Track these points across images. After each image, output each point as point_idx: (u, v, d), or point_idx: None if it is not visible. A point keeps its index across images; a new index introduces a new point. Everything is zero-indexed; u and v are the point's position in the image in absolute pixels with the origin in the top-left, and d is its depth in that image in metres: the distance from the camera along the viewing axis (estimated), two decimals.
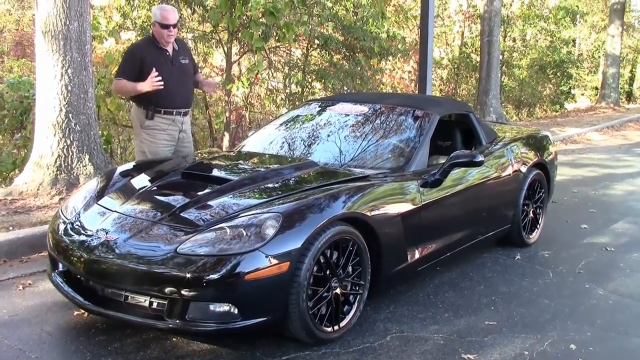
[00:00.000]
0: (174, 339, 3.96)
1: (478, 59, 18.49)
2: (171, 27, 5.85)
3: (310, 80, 12.27)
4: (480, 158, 4.94)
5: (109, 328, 4.07)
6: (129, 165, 5.24)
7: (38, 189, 6.83)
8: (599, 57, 28.88)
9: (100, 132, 8.32)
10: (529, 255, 5.99)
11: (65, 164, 6.96)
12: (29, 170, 7.04)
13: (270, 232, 3.66)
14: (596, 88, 27.75)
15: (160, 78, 5.75)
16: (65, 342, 3.93)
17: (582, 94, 30.25)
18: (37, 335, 3.99)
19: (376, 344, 4.02)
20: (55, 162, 6.94)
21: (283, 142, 5.61)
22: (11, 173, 9.44)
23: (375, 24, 12.30)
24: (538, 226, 6.39)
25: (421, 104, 5.79)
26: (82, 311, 4.25)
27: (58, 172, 6.92)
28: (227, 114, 11.66)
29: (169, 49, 5.96)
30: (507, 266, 5.66)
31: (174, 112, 5.97)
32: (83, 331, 4.07)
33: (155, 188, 4.54)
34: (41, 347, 3.85)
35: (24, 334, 4.01)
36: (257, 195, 4.24)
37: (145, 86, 5.74)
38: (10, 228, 5.73)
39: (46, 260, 4.50)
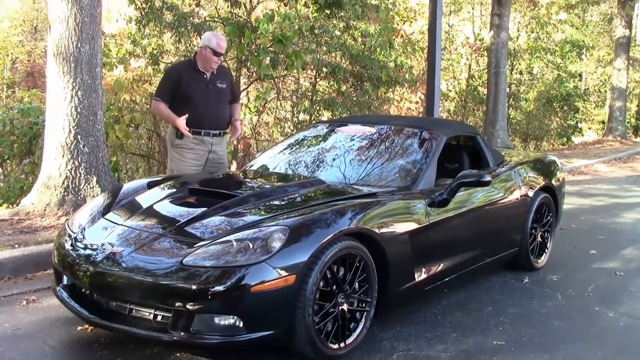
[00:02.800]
0: (177, 354, 3.92)
1: (485, 91, 18.56)
2: (221, 56, 6.12)
3: (318, 108, 12.31)
4: (488, 178, 4.91)
5: (112, 343, 4.04)
6: (138, 182, 5.24)
7: (45, 210, 6.83)
8: (606, 91, 28.96)
9: (108, 159, 8.35)
10: (538, 278, 5.93)
11: (73, 186, 6.97)
12: (37, 191, 7.04)
13: (276, 245, 3.64)
14: (603, 122, 27.79)
15: (188, 129, 5.97)
16: (67, 356, 3.91)
17: (589, 128, 30.29)
18: (39, 349, 3.96)
19: None
20: (63, 183, 6.94)
21: (291, 162, 5.62)
22: (19, 199, 9.46)
23: (382, 53, 12.36)
24: (546, 250, 6.34)
25: (428, 125, 5.80)
26: (86, 326, 4.23)
27: (65, 193, 6.93)
28: (235, 142, 11.69)
29: (208, 72, 6.12)
30: (515, 289, 5.61)
31: (202, 133, 6.07)
32: (86, 346, 4.04)
33: (161, 203, 4.53)
34: None
35: (27, 348, 3.98)
36: (263, 211, 4.22)
37: (180, 125, 5.94)
38: (16, 246, 5.72)
39: (51, 278, 4.51)
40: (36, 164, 9.22)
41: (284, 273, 3.58)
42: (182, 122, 5.94)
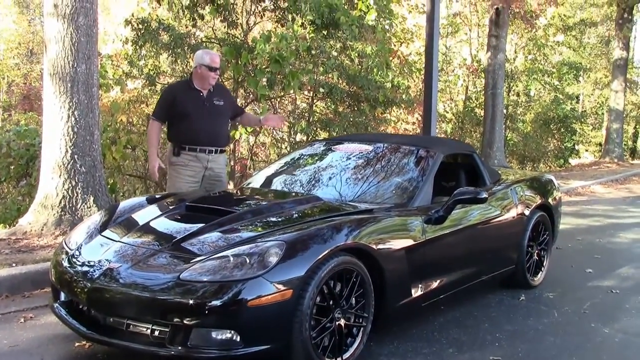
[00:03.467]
0: None
1: (482, 113, 18.65)
2: (216, 71, 6.20)
3: (315, 129, 12.36)
4: (485, 195, 4.93)
5: (110, 359, 4.04)
6: (134, 199, 5.27)
7: (42, 229, 6.83)
8: (603, 113, 29.08)
9: (105, 179, 8.37)
10: (534, 296, 5.94)
11: (70, 205, 6.97)
12: (34, 210, 7.05)
13: (273, 259, 3.66)
14: (600, 144, 27.90)
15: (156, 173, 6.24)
16: None
17: (586, 150, 30.41)
18: None
19: None
20: (60, 202, 6.95)
21: (287, 179, 5.66)
22: (15, 220, 9.47)
23: (379, 73, 12.44)
24: (542, 268, 6.35)
25: (425, 143, 5.83)
26: (83, 342, 4.23)
27: (62, 213, 6.93)
28: (232, 164, 11.72)
29: (204, 90, 6.18)
30: (511, 306, 5.61)
31: (198, 149, 6.12)
32: None
33: (158, 220, 4.55)
34: None
35: None
36: (259, 227, 4.24)
37: (151, 164, 6.22)
38: (14, 264, 5.72)
39: (48, 295, 4.51)
40: (33, 185, 9.23)
41: (280, 287, 3.59)
42: (153, 162, 6.17)
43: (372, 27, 12.25)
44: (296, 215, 4.46)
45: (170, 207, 4.80)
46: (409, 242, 4.49)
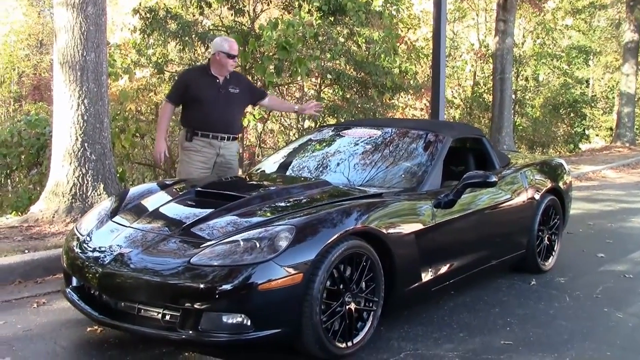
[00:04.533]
0: (186, 353, 3.94)
1: (490, 98, 18.57)
2: (235, 58, 6.25)
3: (323, 115, 12.34)
4: (494, 178, 4.90)
5: (122, 343, 4.07)
6: (144, 185, 5.29)
7: (53, 217, 6.87)
8: (614, 97, 28.88)
9: (115, 167, 8.39)
10: (545, 280, 5.92)
11: (80, 193, 7.00)
12: (45, 198, 7.09)
13: (283, 243, 3.67)
14: (611, 129, 27.72)
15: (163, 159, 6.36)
16: (78, 356, 3.94)
17: (597, 135, 30.23)
18: (50, 349, 4.00)
19: None
20: (71, 190, 6.98)
21: (296, 165, 5.67)
22: (27, 209, 9.53)
23: (387, 59, 12.40)
24: (553, 253, 6.33)
25: (434, 127, 5.82)
26: (95, 327, 4.27)
27: (73, 200, 6.96)
28: (240, 151, 11.72)
29: (220, 77, 6.19)
30: (522, 290, 5.60)
31: (211, 136, 6.14)
32: (96, 345, 4.07)
33: (168, 205, 4.56)
34: None
35: (38, 348, 4.01)
36: (269, 212, 4.25)
37: (157, 146, 6.30)
38: (26, 251, 5.76)
39: (60, 281, 4.54)
40: (44, 174, 9.28)
41: (291, 271, 3.60)
42: (159, 144, 6.26)
43: (379, 12, 12.22)
44: (305, 199, 4.46)
45: (180, 193, 4.81)
46: (418, 226, 4.49)
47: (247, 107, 6.64)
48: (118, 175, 9.07)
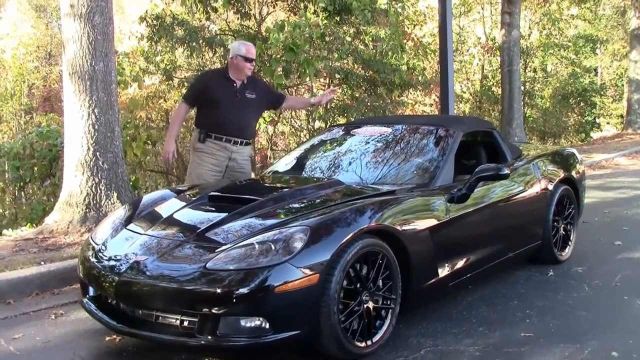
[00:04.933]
0: None
1: (500, 91, 18.50)
2: (252, 62, 6.24)
3: (333, 115, 12.33)
4: (506, 171, 4.87)
5: (140, 352, 4.08)
6: (157, 192, 5.31)
7: (68, 227, 6.89)
8: (623, 84, 28.70)
9: (127, 175, 8.41)
10: (562, 271, 5.88)
11: (94, 202, 7.03)
12: (59, 209, 7.11)
13: (298, 245, 3.66)
14: (621, 116, 27.52)
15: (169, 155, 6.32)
16: None
17: (608, 123, 30.04)
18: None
19: (410, 358, 3.96)
20: (84, 200, 7.00)
21: (308, 165, 5.67)
22: (41, 220, 9.57)
23: (394, 56, 12.37)
24: (570, 243, 6.29)
25: (444, 122, 5.80)
26: (114, 336, 4.27)
27: (87, 210, 6.98)
28: (252, 154, 11.73)
29: (238, 81, 6.19)
30: (540, 282, 5.56)
31: (224, 139, 6.12)
32: (115, 355, 4.08)
33: (181, 211, 4.56)
34: None
35: (57, 359, 4.02)
36: (282, 214, 4.23)
37: (166, 146, 6.33)
38: (42, 263, 5.78)
39: (77, 292, 4.56)
40: (57, 185, 9.32)
41: (307, 272, 3.59)
42: (169, 145, 6.30)
43: (385, 10, 12.19)
44: (319, 200, 4.45)
45: (193, 199, 4.81)
46: (432, 222, 4.47)
47: (263, 113, 6.61)
48: (131, 183, 9.10)
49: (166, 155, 6.30)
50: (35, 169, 10.58)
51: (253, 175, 11.27)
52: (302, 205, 4.39)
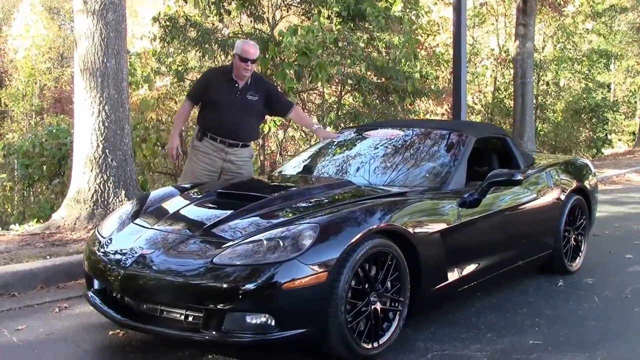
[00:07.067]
0: (209, 356, 3.89)
1: (511, 104, 18.42)
2: (249, 62, 5.95)
3: (344, 121, 12.29)
4: (519, 177, 4.82)
5: (144, 346, 4.04)
6: (165, 189, 5.27)
7: (75, 223, 6.87)
8: (636, 101, 28.60)
9: (136, 173, 8.39)
10: (572, 281, 5.82)
11: (102, 199, 6.99)
12: (67, 205, 7.09)
13: (307, 242, 3.61)
14: (633, 133, 27.46)
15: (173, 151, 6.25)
16: (100, 359, 3.93)
17: (619, 140, 29.93)
18: (72, 352, 3.98)
19: None
20: (92, 197, 6.97)
21: (319, 166, 5.64)
22: (48, 218, 9.56)
23: (407, 64, 12.33)
24: (580, 254, 6.21)
25: (457, 127, 5.76)
26: (117, 330, 4.25)
27: (95, 207, 6.95)
28: (262, 158, 11.71)
29: (240, 82, 6.03)
30: (550, 291, 5.50)
31: (219, 140, 6.01)
32: (118, 349, 4.04)
33: (189, 207, 4.53)
34: None
35: (60, 351, 4.00)
36: (290, 213, 4.19)
37: (170, 143, 6.28)
38: (48, 257, 5.75)
39: (82, 286, 4.53)
40: (65, 184, 9.30)
41: (315, 270, 3.54)
42: (172, 141, 6.23)
43: (399, 18, 12.16)
44: (328, 199, 4.40)
45: (201, 195, 4.77)
46: (443, 225, 4.42)
47: (265, 115, 6.46)
48: (140, 184, 9.08)
49: (171, 151, 6.24)
50: (44, 167, 10.59)
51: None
52: (311, 204, 4.34)
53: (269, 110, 6.38)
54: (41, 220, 8.63)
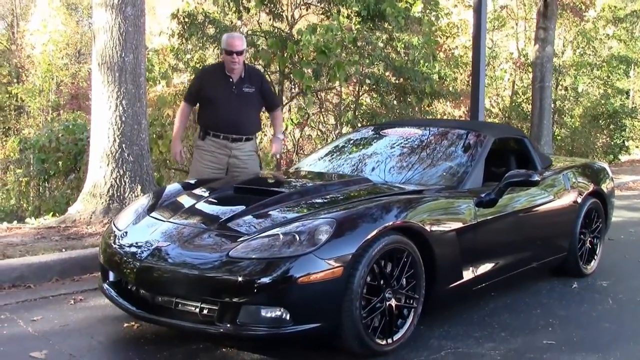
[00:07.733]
0: (223, 349, 3.90)
1: (529, 108, 18.31)
2: (234, 54, 5.90)
3: (362, 120, 12.28)
4: (537, 177, 4.80)
5: (158, 338, 4.05)
6: (181, 182, 5.30)
7: (91, 218, 6.89)
8: None
9: (152, 168, 8.41)
10: (587, 284, 5.79)
11: (118, 194, 7.02)
12: (83, 199, 7.12)
13: (323, 237, 3.61)
14: None
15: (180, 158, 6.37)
16: (114, 350, 3.95)
17: (637, 147, 29.67)
18: (87, 343, 3.99)
19: (430, 359, 3.90)
20: (108, 191, 7.00)
21: (336, 163, 5.62)
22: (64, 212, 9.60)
23: (426, 65, 12.31)
24: (595, 257, 6.18)
25: (475, 127, 5.75)
26: (132, 323, 4.27)
27: (110, 202, 6.98)
28: (278, 157, 11.67)
29: (234, 76, 6.01)
30: (564, 293, 5.48)
31: (221, 137, 6.01)
32: (132, 341, 4.06)
33: (205, 201, 4.54)
34: (91, 354, 3.86)
35: (75, 342, 4.00)
36: (307, 207, 4.20)
37: (172, 148, 6.32)
38: (63, 250, 5.79)
39: (97, 279, 4.57)
40: (81, 179, 9.33)
41: (331, 265, 3.54)
42: (175, 147, 6.26)
43: (419, 18, 12.15)
44: (345, 195, 4.40)
45: (217, 190, 4.79)
46: (459, 224, 4.41)
47: (263, 106, 6.39)
48: (156, 180, 9.10)
49: (175, 157, 6.29)
50: (60, 162, 10.61)
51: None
52: (327, 199, 4.35)
53: (264, 100, 6.33)
54: (57, 215, 8.68)
